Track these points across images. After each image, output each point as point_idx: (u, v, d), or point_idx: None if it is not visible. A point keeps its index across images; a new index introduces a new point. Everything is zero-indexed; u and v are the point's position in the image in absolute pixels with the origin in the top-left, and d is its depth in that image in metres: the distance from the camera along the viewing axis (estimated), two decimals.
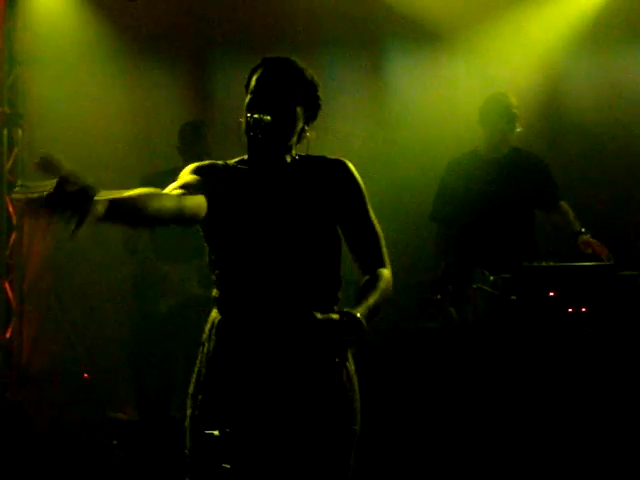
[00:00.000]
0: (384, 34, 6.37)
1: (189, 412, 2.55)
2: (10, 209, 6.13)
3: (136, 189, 2.20)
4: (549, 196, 4.98)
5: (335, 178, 2.60)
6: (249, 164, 2.59)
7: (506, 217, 4.88)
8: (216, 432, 2.41)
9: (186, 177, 2.49)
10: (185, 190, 2.40)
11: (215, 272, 2.58)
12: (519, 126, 4.92)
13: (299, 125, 2.56)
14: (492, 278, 4.44)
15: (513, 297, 4.34)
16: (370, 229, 2.61)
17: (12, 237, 6.15)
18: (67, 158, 1.97)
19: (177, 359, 5.00)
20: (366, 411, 2.61)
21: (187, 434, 2.54)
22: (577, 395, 4.33)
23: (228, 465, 2.39)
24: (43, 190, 1.89)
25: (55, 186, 1.90)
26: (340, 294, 2.59)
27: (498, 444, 4.38)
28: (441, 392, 4.71)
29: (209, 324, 2.59)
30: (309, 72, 2.60)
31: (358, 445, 2.57)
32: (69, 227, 1.91)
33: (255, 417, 2.45)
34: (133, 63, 6.17)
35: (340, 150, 2.87)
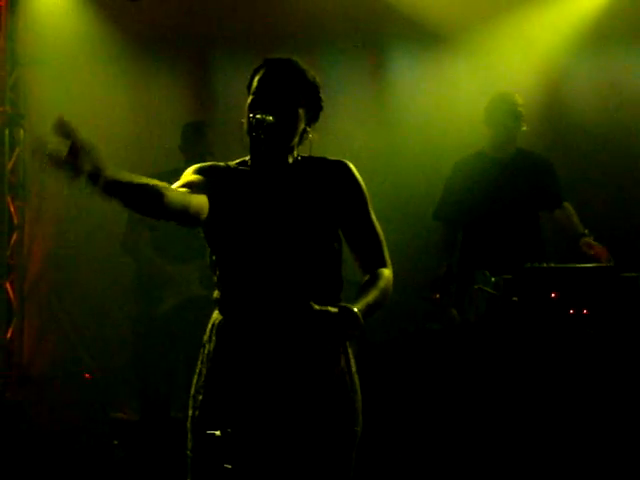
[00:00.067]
0: (386, 35, 6.36)
1: (190, 412, 2.55)
2: (11, 209, 6.14)
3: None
4: (554, 196, 4.98)
5: (336, 179, 2.60)
6: (251, 165, 2.59)
7: (512, 218, 4.87)
8: (218, 432, 2.42)
9: (189, 177, 2.51)
10: (188, 189, 2.42)
11: (216, 273, 2.59)
12: (524, 125, 4.92)
13: (301, 126, 2.56)
14: (493, 279, 4.43)
15: (514, 298, 4.34)
16: (371, 230, 2.62)
17: (13, 237, 6.16)
18: None
19: (179, 360, 5.00)
20: (367, 412, 2.61)
21: (189, 434, 2.55)
22: (578, 396, 4.33)
23: (230, 465, 2.40)
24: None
25: (70, 146, 1.99)
26: (342, 295, 2.58)
27: (500, 444, 4.38)
28: (442, 393, 4.71)
29: (210, 325, 2.59)
30: (311, 74, 2.60)
31: (359, 446, 2.57)
32: (81, 183, 2.02)
33: (256, 418, 2.46)
34: (135, 63, 6.16)
35: (341, 151, 2.87)
